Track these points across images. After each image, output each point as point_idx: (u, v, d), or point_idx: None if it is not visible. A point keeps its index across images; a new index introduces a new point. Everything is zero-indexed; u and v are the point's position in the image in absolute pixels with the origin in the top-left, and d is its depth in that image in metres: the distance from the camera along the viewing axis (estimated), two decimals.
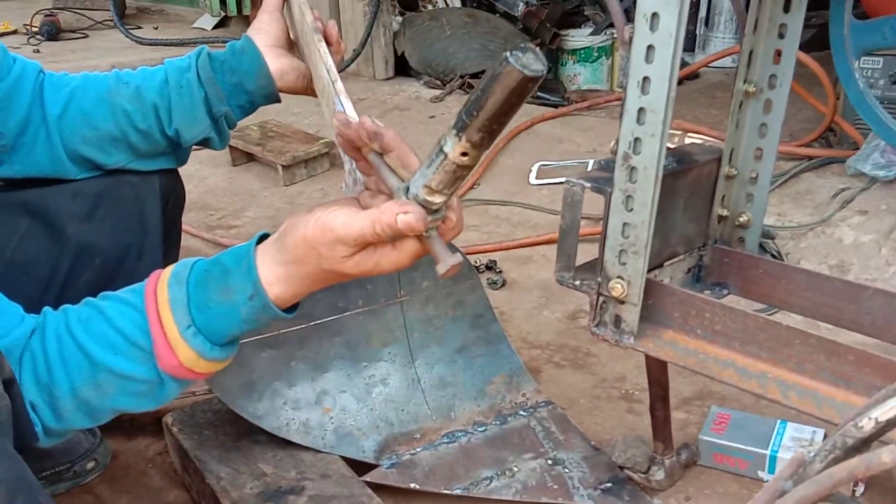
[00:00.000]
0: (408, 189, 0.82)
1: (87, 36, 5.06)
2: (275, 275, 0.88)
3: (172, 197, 1.37)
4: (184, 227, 2.41)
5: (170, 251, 1.40)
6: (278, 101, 1.30)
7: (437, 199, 0.81)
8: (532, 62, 0.69)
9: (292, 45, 1.31)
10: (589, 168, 2.65)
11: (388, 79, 3.91)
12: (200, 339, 0.89)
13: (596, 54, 4.17)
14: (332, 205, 0.86)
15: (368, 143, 0.84)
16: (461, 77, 3.70)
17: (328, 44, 1.20)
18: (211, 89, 1.24)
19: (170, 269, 0.92)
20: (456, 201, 0.85)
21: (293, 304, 0.92)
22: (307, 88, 1.28)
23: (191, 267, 0.92)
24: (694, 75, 3.94)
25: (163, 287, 0.90)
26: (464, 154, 0.76)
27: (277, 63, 1.26)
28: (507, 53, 0.68)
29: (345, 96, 1.05)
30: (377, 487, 1.33)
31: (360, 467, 1.38)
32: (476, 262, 2.24)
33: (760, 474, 1.41)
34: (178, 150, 1.31)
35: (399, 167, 0.84)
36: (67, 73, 1.29)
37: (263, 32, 1.27)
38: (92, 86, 1.25)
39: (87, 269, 1.25)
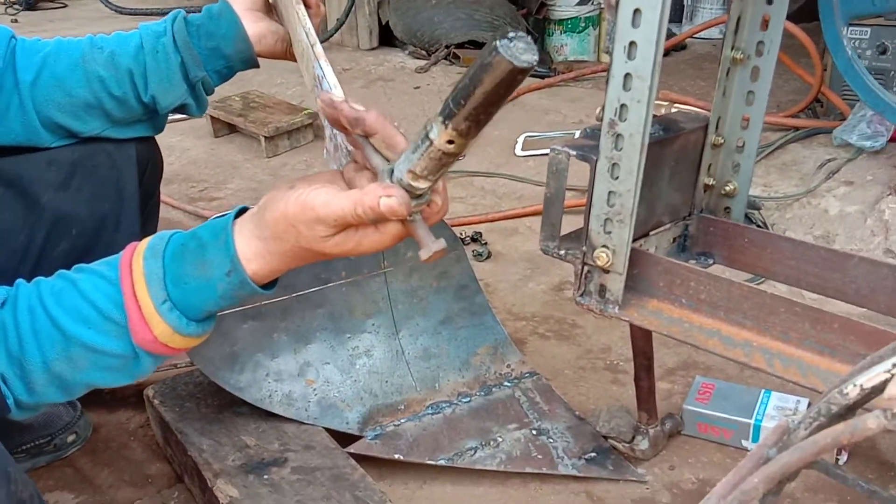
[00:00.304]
0: (392, 172, 0.80)
1: (66, 6, 4.99)
2: (252, 250, 0.85)
3: (150, 165, 1.35)
4: (165, 198, 2.40)
5: (148, 221, 1.38)
6: (256, 65, 1.28)
7: (422, 185, 0.79)
8: (522, 52, 0.66)
9: (270, 9, 1.28)
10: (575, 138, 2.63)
11: (373, 49, 3.87)
12: (176, 314, 0.87)
13: (583, 25, 4.13)
14: (315, 181, 0.84)
15: (351, 129, 0.82)
16: (447, 47, 3.66)
17: (306, 6, 1.17)
18: (187, 54, 1.21)
19: (146, 241, 0.90)
20: (442, 184, 0.83)
21: (272, 280, 0.90)
22: (286, 52, 1.26)
23: (167, 240, 0.89)
24: (681, 46, 3.92)
25: (138, 260, 0.88)
26: (450, 142, 0.74)
27: (255, 27, 1.23)
28: (498, 42, 0.65)
29: (324, 60, 1.03)
30: (361, 458, 1.33)
31: (343, 439, 1.37)
32: (461, 233, 2.23)
33: (744, 443, 1.41)
34: (154, 117, 1.28)
35: (384, 148, 0.82)
36: (40, 38, 1.26)
37: None
38: (65, 51, 1.22)
39: (62, 240, 1.23)
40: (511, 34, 0.66)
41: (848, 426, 0.61)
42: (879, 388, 0.63)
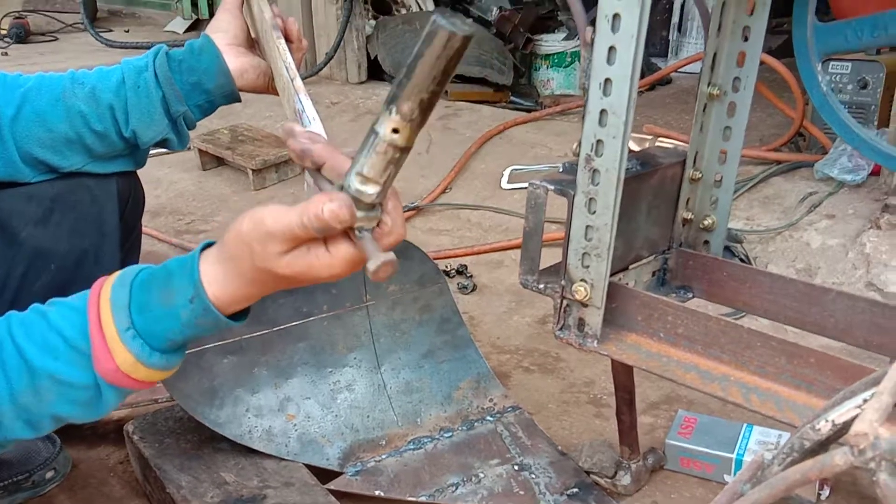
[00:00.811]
0: (341, 187, 0.78)
1: (56, 39, 5.02)
2: (213, 273, 0.84)
3: (131, 200, 1.35)
4: (152, 231, 2.40)
5: (129, 256, 1.37)
6: (238, 100, 1.29)
7: (370, 189, 0.76)
8: (460, 24, 0.65)
9: (253, 44, 1.29)
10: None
11: (362, 83, 3.90)
12: (139, 342, 0.86)
13: (569, 59, 4.18)
14: (273, 203, 0.83)
15: (300, 163, 0.82)
16: None
17: (288, 41, 1.18)
18: (169, 89, 1.22)
19: (116, 273, 0.90)
20: (394, 205, 0.81)
21: (238, 310, 0.89)
22: (268, 87, 1.27)
23: (137, 271, 0.89)
24: (666, 80, 3.96)
25: (106, 289, 0.87)
26: (395, 130, 0.72)
27: (237, 61, 1.24)
28: (436, 16, 0.65)
29: (304, 94, 1.04)
30: (341, 495, 1.32)
31: (324, 475, 1.36)
32: (447, 266, 2.23)
33: (727, 478, 1.40)
34: (135, 152, 1.29)
35: (336, 178, 0.80)
36: (22, 73, 1.27)
37: (222, 31, 1.25)
38: (47, 87, 1.23)
39: (42, 274, 1.23)
40: (447, 12, 0.66)
41: (817, 462, 0.61)
42: (850, 424, 0.64)
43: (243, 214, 0.82)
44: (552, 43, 4.18)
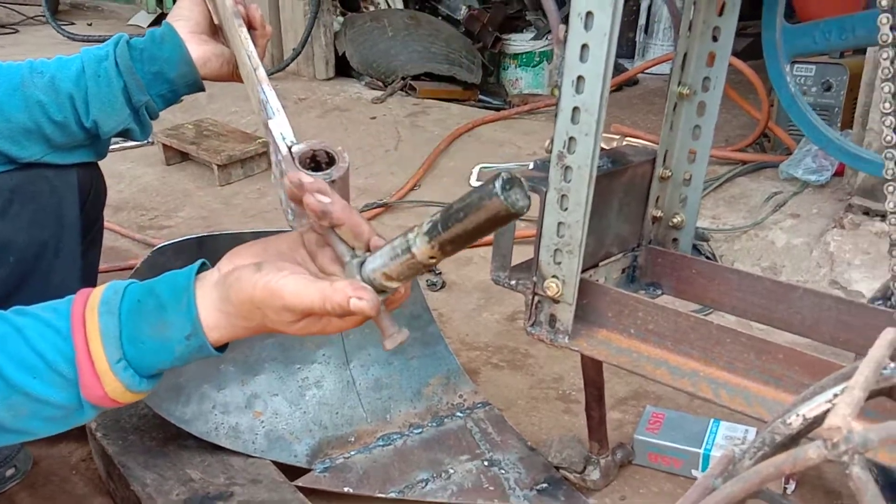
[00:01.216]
0: (361, 265, 0.81)
1: (17, 31, 4.92)
2: (215, 320, 0.84)
3: (92, 192, 1.32)
4: (114, 226, 2.36)
5: (90, 249, 1.35)
6: (202, 89, 1.27)
7: (393, 286, 0.81)
8: (520, 199, 0.71)
9: (216, 31, 1.27)
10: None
11: (329, 79, 3.87)
12: (130, 372, 0.84)
13: (537, 59, 4.20)
14: (283, 265, 0.83)
15: (318, 221, 0.83)
16: (403, 79, 3.68)
17: (251, 28, 1.16)
18: (130, 79, 1.20)
19: (98, 293, 0.86)
20: None
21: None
22: (232, 75, 1.25)
23: (122, 294, 0.86)
24: (633, 81, 4.00)
25: (92, 315, 0.84)
26: (431, 257, 0.77)
27: (199, 50, 1.22)
28: (499, 184, 0.70)
29: (266, 84, 1.02)
30: (309, 492, 1.31)
31: (291, 472, 1.35)
32: None
33: (694, 473, 1.42)
34: (96, 143, 1.26)
35: (351, 238, 0.83)
36: None
37: (184, 19, 1.23)
38: (4, 76, 1.20)
39: (0, 267, 1.20)
40: (506, 177, 0.70)
41: (790, 456, 0.61)
42: (821, 418, 0.64)
43: (249, 273, 0.81)
44: (521, 42, 4.20)
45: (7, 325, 0.85)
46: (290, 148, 0.91)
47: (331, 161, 0.91)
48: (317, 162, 0.91)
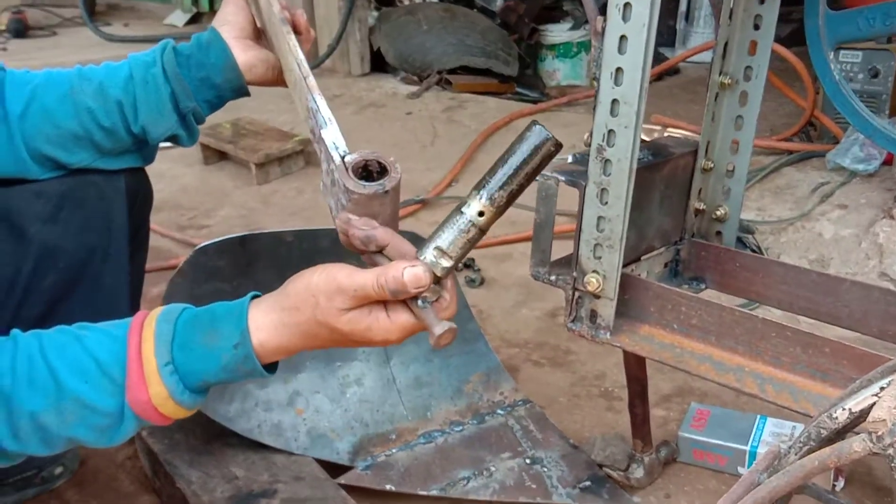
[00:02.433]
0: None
1: (55, 34, 5.01)
2: (267, 320, 0.88)
3: (139, 197, 1.34)
4: (154, 226, 2.38)
5: (137, 253, 1.36)
6: (247, 94, 1.27)
7: (445, 262, 0.85)
8: (552, 135, 0.83)
9: (260, 35, 1.27)
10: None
11: (364, 75, 3.88)
12: (175, 378, 0.88)
13: (575, 49, 4.16)
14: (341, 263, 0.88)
15: (364, 248, 0.89)
16: (438, 73, 3.67)
17: (296, 32, 1.16)
18: (177, 85, 1.21)
19: (160, 308, 0.92)
20: (452, 284, 0.89)
21: (275, 360, 0.92)
22: (277, 80, 1.25)
23: (182, 308, 0.92)
24: (674, 70, 3.94)
25: (150, 322, 0.89)
26: (481, 213, 0.83)
27: (245, 55, 1.22)
28: (534, 124, 0.83)
29: (318, 93, 1.02)
30: (352, 489, 1.31)
31: (334, 469, 1.35)
32: None
33: (740, 470, 1.39)
34: (143, 148, 1.27)
35: (397, 257, 0.87)
36: (29, 70, 1.26)
37: (229, 24, 1.23)
38: (54, 83, 1.22)
39: (50, 272, 1.21)
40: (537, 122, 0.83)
41: (834, 450, 0.60)
42: (867, 412, 0.63)
43: (313, 269, 0.87)
44: (558, 33, 4.16)
45: (68, 335, 0.90)
46: (342, 158, 0.93)
47: (382, 171, 0.93)
48: (368, 171, 0.93)
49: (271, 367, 0.93)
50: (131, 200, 1.31)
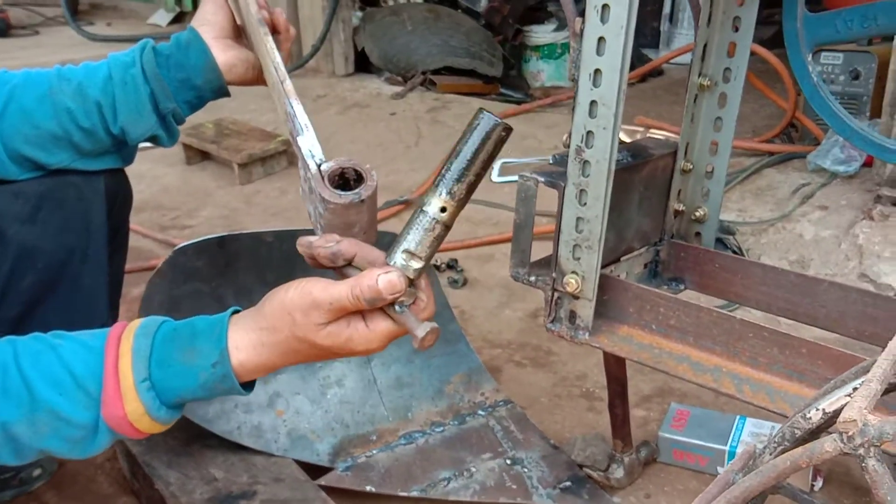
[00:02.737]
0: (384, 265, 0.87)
1: (38, 33, 4.97)
2: (245, 340, 0.87)
3: (119, 198, 1.33)
4: (136, 227, 2.37)
5: (116, 254, 1.35)
6: (227, 94, 1.26)
7: (416, 264, 0.85)
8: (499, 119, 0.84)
9: (240, 34, 1.26)
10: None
11: (349, 75, 3.87)
12: (152, 394, 0.87)
13: (559, 51, 4.17)
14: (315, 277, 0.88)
15: (333, 265, 0.88)
16: (423, 73, 3.67)
17: (275, 32, 1.16)
18: (157, 85, 1.20)
19: (138, 321, 0.91)
20: (427, 283, 0.89)
21: (253, 378, 0.92)
22: (258, 79, 1.24)
23: (160, 322, 0.91)
24: (658, 72, 3.96)
25: (128, 336, 0.88)
26: (442, 209, 0.83)
27: (225, 55, 1.21)
28: (482, 111, 0.84)
29: (294, 98, 1.01)
30: (332, 491, 1.31)
31: (314, 471, 1.35)
32: (437, 260, 2.22)
33: (720, 470, 1.40)
34: (123, 149, 1.27)
35: (366, 266, 0.87)
36: (7, 70, 1.25)
37: (209, 23, 1.22)
38: (33, 83, 1.20)
39: (28, 273, 1.21)
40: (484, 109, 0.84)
41: (806, 450, 0.60)
42: (840, 412, 0.63)
43: (287, 285, 0.87)
44: (542, 34, 4.17)
45: (43, 343, 0.89)
46: (319, 166, 0.92)
47: (359, 179, 0.93)
48: (345, 179, 0.93)
49: (249, 385, 0.92)
50: (110, 201, 1.30)
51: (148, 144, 1.28)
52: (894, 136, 2.05)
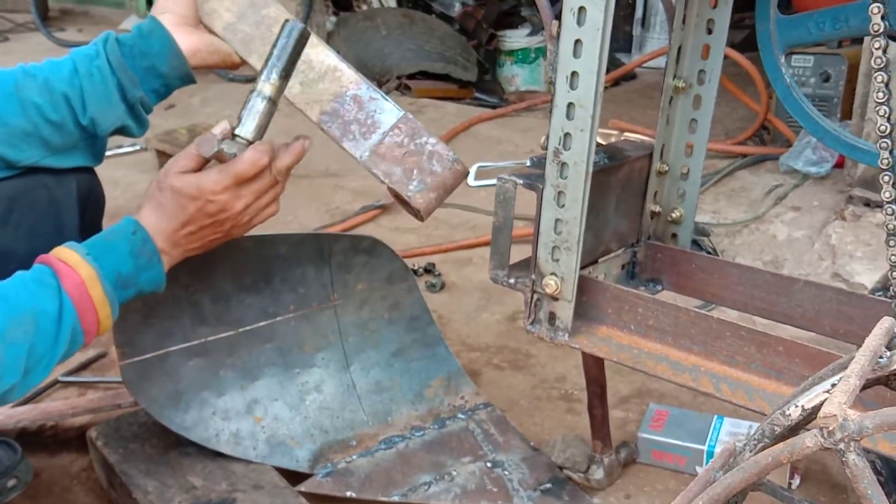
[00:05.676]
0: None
1: (7, 39, 4.91)
2: (146, 209, 1.11)
3: (91, 200, 1.31)
4: None
5: None
6: (193, 81, 1.26)
7: (247, 127, 1.11)
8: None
9: (199, 21, 1.27)
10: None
11: None
12: (97, 264, 1.04)
13: (533, 55, 4.19)
14: None
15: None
16: (398, 78, 3.67)
17: None
18: (123, 75, 1.19)
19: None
20: (264, 147, 1.11)
21: (170, 265, 1.13)
22: (222, 63, 1.25)
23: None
24: (631, 76, 3.99)
25: (58, 247, 1.06)
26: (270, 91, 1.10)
27: (188, 40, 1.21)
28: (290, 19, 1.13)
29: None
30: (312, 497, 1.30)
31: (294, 477, 1.34)
32: (414, 265, 2.21)
33: (699, 470, 1.41)
34: (93, 143, 1.25)
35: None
36: None
37: (169, 11, 1.22)
38: None
39: (2, 277, 1.19)
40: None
41: (787, 445, 0.61)
42: (819, 408, 0.64)
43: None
44: (516, 39, 4.19)
45: None
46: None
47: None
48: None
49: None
50: (83, 203, 1.29)
51: (122, 150, 1.27)
52: (865, 136, 2.08)
